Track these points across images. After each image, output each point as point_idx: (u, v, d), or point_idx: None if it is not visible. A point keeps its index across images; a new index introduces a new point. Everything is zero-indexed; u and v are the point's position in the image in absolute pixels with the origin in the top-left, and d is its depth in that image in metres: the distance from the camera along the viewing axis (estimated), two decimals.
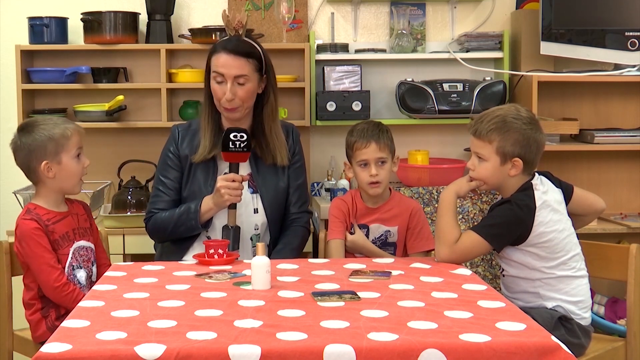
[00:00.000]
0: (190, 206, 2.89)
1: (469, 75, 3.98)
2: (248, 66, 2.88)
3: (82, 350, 1.77)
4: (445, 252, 2.59)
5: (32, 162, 2.68)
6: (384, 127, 2.94)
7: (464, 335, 1.85)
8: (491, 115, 2.61)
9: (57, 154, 2.67)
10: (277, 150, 2.96)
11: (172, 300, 2.17)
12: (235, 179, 2.78)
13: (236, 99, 2.87)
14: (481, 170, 2.63)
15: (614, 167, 4.04)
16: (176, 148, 3.00)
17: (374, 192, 2.90)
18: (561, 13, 3.78)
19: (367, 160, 2.88)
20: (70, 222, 2.75)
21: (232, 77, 2.86)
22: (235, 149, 2.77)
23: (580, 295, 2.59)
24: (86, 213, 2.86)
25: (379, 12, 4.12)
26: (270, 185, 2.97)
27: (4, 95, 4.04)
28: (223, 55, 2.87)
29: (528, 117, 2.60)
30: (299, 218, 3.04)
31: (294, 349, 1.78)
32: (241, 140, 2.76)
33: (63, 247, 2.69)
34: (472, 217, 3.61)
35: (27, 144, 2.68)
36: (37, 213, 2.67)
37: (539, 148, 2.61)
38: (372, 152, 2.87)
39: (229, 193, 2.77)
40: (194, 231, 2.90)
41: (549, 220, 2.55)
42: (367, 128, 2.91)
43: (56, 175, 2.68)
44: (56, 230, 2.68)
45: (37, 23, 3.81)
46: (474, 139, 2.63)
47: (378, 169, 2.87)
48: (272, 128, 2.96)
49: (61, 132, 2.68)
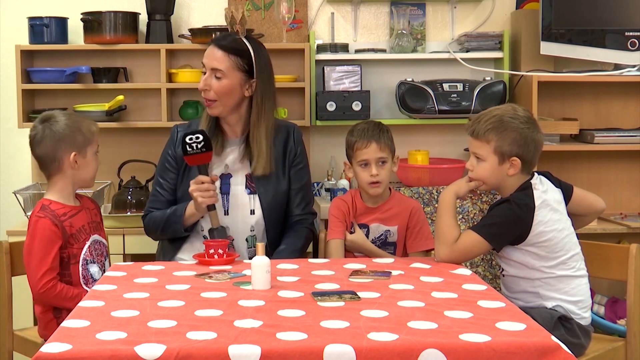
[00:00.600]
0: (177, 209, 2.92)
1: (469, 75, 3.98)
2: (227, 62, 2.88)
3: (82, 350, 1.77)
4: (445, 251, 2.60)
5: (59, 151, 2.68)
6: (384, 127, 2.94)
7: (464, 335, 1.85)
8: (488, 115, 2.62)
9: (84, 146, 2.71)
10: (255, 159, 2.92)
11: (172, 300, 2.17)
12: (204, 181, 2.79)
13: (211, 91, 2.89)
14: (480, 170, 2.63)
15: (614, 167, 4.04)
16: (174, 149, 3.01)
17: (375, 192, 2.91)
18: (561, 13, 3.78)
19: (368, 160, 2.88)
20: (85, 215, 2.76)
21: (209, 68, 2.89)
22: (193, 151, 2.77)
23: (580, 295, 2.59)
24: (96, 208, 2.88)
25: (379, 12, 4.12)
26: (269, 187, 2.96)
27: (4, 95, 4.04)
28: (210, 47, 2.93)
29: (525, 117, 2.60)
30: (302, 219, 3.03)
31: (294, 349, 1.78)
32: (197, 141, 2.76)
33: (80, 241, 2.70)
34: (472, 217, 3.61)
35: (56, 132, 2.68)
36: (52, 209, 2.67)
37: (537, 147, 2.61)
38: (373, 152, 2.88)
39: (201, 195, 2.78)
40: (180, 234, 2.92)
41: (549, 220, 2.55)
42: (368, 128, 2.91)
43: (80, 167, 2.71)
44: (74, 224, 2.69)
45: (37, 23, 3.81)
46: (471, 139, 2.64)
47: (378, 169, 2.88)
48: (254, 135, 2.93)
49: (88, 126, 2.74)
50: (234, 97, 2.91)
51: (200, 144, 2.76)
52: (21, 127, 3.80)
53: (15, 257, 2.84)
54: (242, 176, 2.97)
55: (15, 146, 4.06)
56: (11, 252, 2.84)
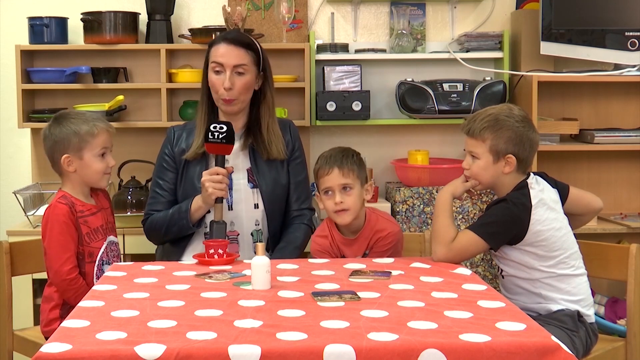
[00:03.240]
0: (182, 206, 2.91)
1: (469, 75, 3.98)
2: (247, 57, 2.90)
3: (82, 350, 1.77)
4: (442, 251, 2.59)
5: (55, 153, 2.70)
6: (350, 152, 2.80)
7: (464, 335, 1.85)
8: (484, 114, 2.62)
9: (80, 149, 2.69)
10: (274, 144, 2.96)
11: (172, 300, 2.17)
12: (219, 172, 2.78)
13: (234, 89, 2.88)
14: (475, 168, 2.63)
15: (614, 167, 4.05)
16: (171, 149, 3.01)
17: (342, 221, 2.75)
18: (561, 13, 3.79)
19: (331, 187, 2.75)
20: (103, 215, 2.78)
21: (231, 67, 2.87)
22: (214, 139, 2.75)
23: (582, 293, 2.59)
24: (110, 207, 2.88)
25: (379, 12, 4.12)
26: (270, 180, 2.97)
27: (4, 95, 4.05)
28: (223, 46, 2.90)
29: (521, 116, 2.61)
30: (300, 215, 3.04)
31: (294, 349, 1.78)
32: (220, 131, 2.75)
33: (96, 241, 2.71)
34: (472, 217, 3.61)
35: (53, 135, 2.70)
36: (72, 202, 2.68)
37: (532, 146, 2.62)
38: (335, 179, 2.73)
39: (213, 186, 2.76)
40: (187, 231, 2.91)
41: (546, 219, 2.55)
42: (331, 155, 2.78)
43: (77, 170, 2.71)
44: (89, 223, 2.70)
45: (37, 23, 3.81)
46: (467, 138, 2.65)
47: (343, 196, 2.73)
48: (269, 124, 2.97)
49: (88, 128, 2.70)
50: (250, 92, 2.94)
51: (223, 134, 2.75)
52: (21, 127, 3.80)
53: (15, 257, 2.84)
54: (243, 170, 2.98)
55: (15, 146, 4.07)
56: (11, 252, 2.84)
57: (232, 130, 2.77)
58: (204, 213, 2.90)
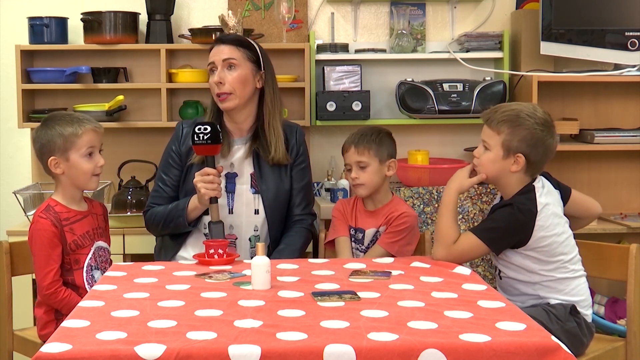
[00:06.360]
0: (180, 204, 2.93)
1: (469, 75, 3.98)
2: (237, 52, 2.94)
3: (82, 350, 1.77)
4: (442, 252, 2.59)
5: (43, 156, 2.70)
6: (372, 132, 2.97)
7: (464, 335, 1.85)
8: (507, 107, 2.61)
9: (66, 151, 2.67)
10: (274, 144, 2.96)
11: (172, 300, 2.17)
12: (209, 172, 2.80)
13: (225, 83, 2.90)
14: (484, 159, 2.61)
15: (614, 167, 4.04)
16: (178, 146, 3.03)
17: (359, 194, 2.97)
18: (561, 13, 3.78)
19: (349, 163, 2.96)
20: (90, 221, 2.76)
21: (220, 62, 2.92)
22: (199, 141, 2.77)
23: (581, 294, 2.59)
24: (104, 213, 2.87)
25: (379, 12, 4.12)
26: (272, 186, 2.97)
27: (4, 95, 4.04)
28: (215, 47, 2.97)
29: (543, 119, 2.57)
30: (302, 220, 3.04)
31: (294, 349, 1.78)
32: (204, 132, 2.77)
33: (84, 247, 2.70)
34: (472, 217, 3.61)
35: (40, 138, 2.70)
36: (56, 212, 2.67)
37: (546, 152, 2.58)
38: (351, 156, 2.94)
39: (205, 187, 2.78)
40: (183, 229, 2.93)
41: (550, 224, 2.54)
42: (354, 133, 2.99)
43: (65, 172, 2.69)
44: (75, 230, 2.69)
45: (37, 23, 3.81)
46: (485, 126, 2.62)
47: (358, 172, 2.92)
48: (270, 123, 2.98)
49: (73, 129, 2.68)
50: (247, 88, 2.94)
51: (207, 135, 2.77)
52: (21, 127, 3.80)
53: (15, 257, 2.84)
54: (247, 175, 2.98)
55: (15, 146, 4.07)
56: (11, 252, 2.84)
57: (216, 130, 2.79)
58: (200, 213, 2.91)
